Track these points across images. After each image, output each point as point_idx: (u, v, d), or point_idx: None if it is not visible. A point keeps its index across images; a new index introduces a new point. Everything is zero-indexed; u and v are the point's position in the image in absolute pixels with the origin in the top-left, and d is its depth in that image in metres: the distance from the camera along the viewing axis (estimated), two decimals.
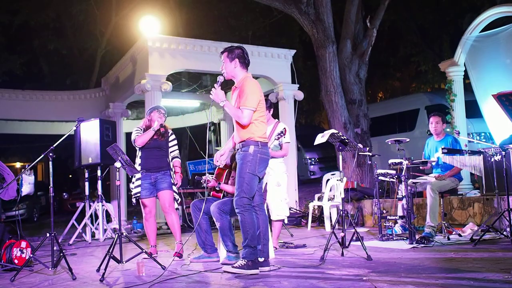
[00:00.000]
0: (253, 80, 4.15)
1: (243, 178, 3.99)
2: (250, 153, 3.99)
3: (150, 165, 5.19)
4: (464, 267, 3.86)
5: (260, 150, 4.03)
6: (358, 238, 4.73)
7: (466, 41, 8.29)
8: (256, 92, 4.05)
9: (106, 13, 15.97)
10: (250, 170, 3.98)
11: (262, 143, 4.07)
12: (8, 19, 15.95)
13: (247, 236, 3.96)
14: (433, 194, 5.45)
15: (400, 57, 17.66)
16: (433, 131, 6.02)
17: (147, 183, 5.18)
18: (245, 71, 4.19)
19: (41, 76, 18.16)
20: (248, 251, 3.95)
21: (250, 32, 15.41)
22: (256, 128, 4.05)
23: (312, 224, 7.76)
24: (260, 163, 4.04)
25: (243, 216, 3.98)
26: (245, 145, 4.03)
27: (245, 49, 4.21)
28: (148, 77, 8.56)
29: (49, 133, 13.01)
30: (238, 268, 3.91)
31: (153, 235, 5.32)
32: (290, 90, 9.73)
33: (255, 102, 4.00)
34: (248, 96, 3.99)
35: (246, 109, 3.98)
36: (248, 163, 3.99)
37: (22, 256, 4.81)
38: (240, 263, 3.94)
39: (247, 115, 3.98)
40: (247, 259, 3.93)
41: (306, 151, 14.52)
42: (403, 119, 12.01)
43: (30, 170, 5.96)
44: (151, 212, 5.26)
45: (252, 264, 3.93)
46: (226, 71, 4.19)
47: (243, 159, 4.01)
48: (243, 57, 4.15)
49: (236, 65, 4.14)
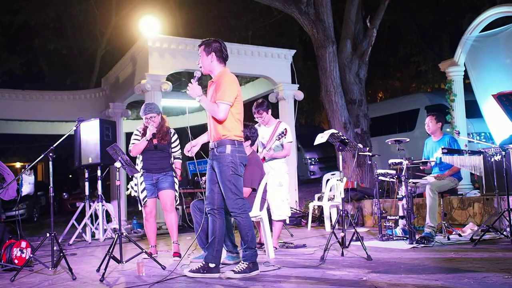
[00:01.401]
0: (231, 74, 3.98)
1: (229, 181, 3.85)
2: (228, 153, 3.86)
3: (151, 166, 5.16)
4: (464, 267, 3.86)
5: (237, 149, 3.90)
6: (358, 238, 4.73)
7: (466, 41, 8.29)
8: (233, 86, 3.88)
9: (106, 13, 15.97)
10: (233, 171, 3.86)
11: (238, 142, 3.93)
12: (8, 19, 15.95)
13: (248, 238, 3.91)
14: (432, 194, 5.45)
15: (400, 57, 17.66)
16: (427, 130, 6.07)
17: (149, 184, 5.17)
18: (222, 66, 4.02)
19: (41, 76, 18.17)
20: (250, 253, 3.92)
21: (250, 32, 15.41)
22: (233, 125, 3.90)
23: (312, 224, 7.75)
24: (241, 162, 3.92)
25: (241, 219, 3.91)
26: (221, 144, 3.88)
27: (223, 43, 4.04)
28: (148, 77, 8.56)
29: (49, 133, 13.01)
30: (240, 273, 3.86)
31: (153, 235, 5.31)
32: (290, 90, 9.73)
33: (232, 97, 3.84)
34: (225, 90, 3.83)
35: (222, 103, 3.81)
36: (229, 164, 3.85)
37: (22, 256, 4.81)
38: (242, 266, 3.90)
39: (223, 109, 3.81)
40: (249, 261, 3.91)
41: (306, 151, 14.53)
42: (403, 119, 12.01)
43: (30, 170, 5.97)
44: (152, 212, 5.25)
45: (253, 266, 3.92)
46: (203, 65, 4.03)
47: (222, 161, 3.86)
48: (221, 50, 3.98)
49: (212, 59, 3.97)
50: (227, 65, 4.10)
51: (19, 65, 16.42)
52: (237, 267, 3.93)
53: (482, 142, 7.97)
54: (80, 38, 17.01)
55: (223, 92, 3.84)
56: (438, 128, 6.00)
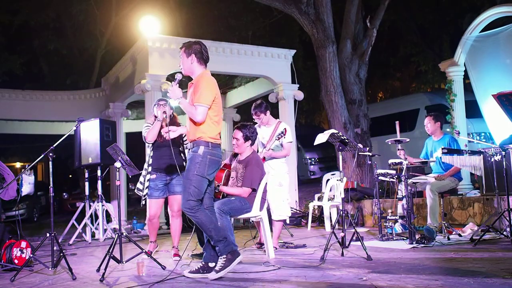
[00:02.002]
0: (210, 76, 3.99)
1: (190, 180, 3.83)
2: (199, 154, 3.84)
3: (163, 165, 5.03)
4: (464, 267, 3.86)
5: (210, 152, 3.88)
6: (358, 238, 4.74)
7: (466, 41, 8.29)
8: (211, 88, 3.88)
9: (106, 13, 15.97)
10: (198, 172, 3.83)
11: (213, 144, 3.90)
12: (8, 19, 15.95)
13: (211, 233, 3.85)
14: (432, 195, 5.45)
15: (400, 57, 17.67)
16: (427, 131, 6.10)
17: (162, 184, 5.06)
18: (203, 67, 4.03)
19: (41, 76, 18.16)
20: (222, 246, 3.87)
21: (250, 32, 15.41)
22: (208, 128, 3.89)
23: (312, 224, 7.76)
24: (210, 165, 3.88)
25: (196, 217, 3.85)
26: (195, 145, 3.89)
27: (204, 45, 4.05)
28: (148, 77, 8.56)
29: (49, 133, 13.02)
30: (221, 269, 3.82)
31: (155, 232, 5.27)
32: (290, 90, 9.73)
33: (209, 99, 3.84)
34: (203, 93, 3.83)
35: (200, 106, 3.81)
36: (196, 164, 3.83)
37: (22, 256, 4.81)
38: (221, 262, 3.84)
39: (200, 112, 3.81)
40: (225, 253, 3.86)
41: (306, 151, 14.53)
42: (403, 119, 12.00)
43: (30, 170, 5.96)
44: (157, 214, 5.15)
45: (232, 256, 3.86)
46: (183, 67, 4.04)
47: (192, 160, 3.87)
48: (201, 52, 3.99)
49: (192, 60, 3.99)
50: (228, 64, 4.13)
51: (19, 65, 16.41)
52: (217, 265, 3.86)
53: (482, 142, 7.97)
54: (80, 38, 17.01)
55: (200, 95, 3.84)
56: (437, 127, 6.01)
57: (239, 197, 4.72)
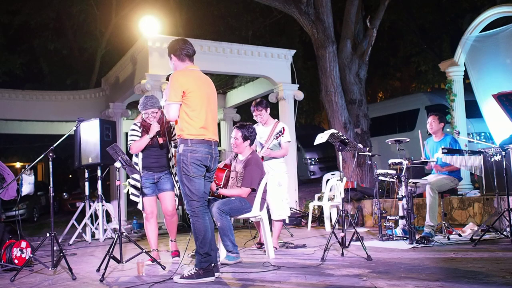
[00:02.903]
0: (179, 72, 3.89)
1: (182, 182, 3.82)
2: (180, 153, 3.82)
3: (152, 165, 4.96)
4: (464, 267, 3.85)
5: (190, 149, 3.79)
6: (358, 238, 4.73)
7: (466, 41, 8.29)
8: (175, 85, 3.78)
9: (106, 13, 15.98)
10: (184, 171, 3.79)
11: (193, 141, 3.80)
12: (8, 19, 15.95)
13: (196, 241, 3.80)
14: (432, 193, 5.45)
15: (400, 57, 17.69)
16: (429, 129, 6.06)
17: (150, 182, 4.96)
18: (185, 63, 3.99)
19: (41, 76, 18.16)
20: (198, 259, 3.78)
21: (250, 32, 15.41)
22: (186, 125, 3.81)
23: (312, 224, 7.75)
24: (192, 163, 3.79)
25: (193, 221, 3.83)
26: (178, 144, 3.87)
27: (183, 40, 4.02)
28: (148, 77, 8.56)
29: (49, 133, 13.03)
30: (186, 278, 3.72)
31: (155, 238, 5.05)
32: (290, 90, 9.74)
33: (174, 95, 3.75)
34: (167, 91, 3.83)
35: (167, 104, 3.79)
36: (181, 163, 3.80)
37: (22, 256, 4.81)
38: (190, 272, 3.76)
39: (168, 110, 3.78)
40: (197, 267, 3.76)
41: (306, 151, 14.53)
42: (403, 119, 12.02)
43: (30, 170, 5.96)
44: (153, 212, 5.02)
45: (203, 272, 3.74)
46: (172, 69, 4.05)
47: (178, 161, 3.84)
48: (179, 49, 3.95)
49: (173, 60, 4.00)
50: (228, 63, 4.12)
51: (19, 65, 16.42)
52: (186, 272, 3.79)
53: (482, 142, 7.97)
54: (80, 38, 17.02)
55: (166, 93, 3.84)
56: (440, 128, 5.99)
57: (239, 197, 4.72)
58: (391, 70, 19.38)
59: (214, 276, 3.80)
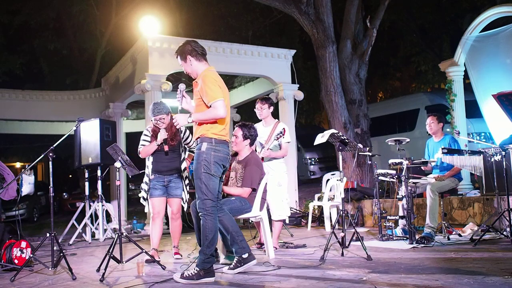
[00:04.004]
0: (210, 72, 3.92)
1: (200, 179, 3.81)
2: (203, 151, 3.82)
3: (162, 168, 5.04)
4: (464, 267, 3.85)
5: (213, 148, 3.83)
6: (358, 238, 4.74)
7: (466, 41, 8.29)
8: (213, 82, 3.82)
9: (106, 13, 15.98)
10: (205, 169, 3.80)
11: (217, 140, 3.85)
12: (8, 19, 15.95)
13: (205, 241, 3.81)
14: (433, 195, 5.45)
15: (400, 57, 17.68)
16: (428, 130, 6.07)
17: (160, 184, 5.05)
18: (203, 63, 4.00)
19: (41, 76, 18.16)
20: (201, 259, 3.78)
21: (250, 32, 15.41)
22: (211, 124, 3.85)
23: (312, 224, 7.75)
24: (215, 161, 3.83)
25: (205, 220, 3.82)
26: (199, 142, 3.87)
27: (193, 41, 4.03)
28: (148, 77, 8.56)
29: (49, 133, 13.02)
30: (186, 278, 3.72)
31: (157, 238, 5.10)
32: (290, 90, 9.74)
33: (217, 91, 3.78)
34: (208, 90, 3.77)
35: (214, 102, 3.75)
36: (202, 162, 3.81)
37: (22, 256, 4.81)
38: (191, 271, 3.76)
39: (218, 106, 3.74)
40: (199, 267, 3.77)
41: (306, 151, 14.52)
42: (403, 119, 12.01)
43: (30, 170, 5.96)
44: (160, 213, 5.08)
45: (204, 273, 3.75)
46: (188, 72, 4.04)
47: (197, 158, 3.85)
48: (194, 50, 3.96)
49: (191, 61, 3.96)
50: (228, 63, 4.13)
51: (19, 65, 16.42)
52: (187, 271, 3.80)
53: (482, 142, 7.97)
54: (80, 38, 17.02)
55: (208, 93, 3.78)
56: (440, 128, 5.99)
57: (239, 197, 4.72)
58: (391, 70, 19.37)
59: (214, 277, 3.80)
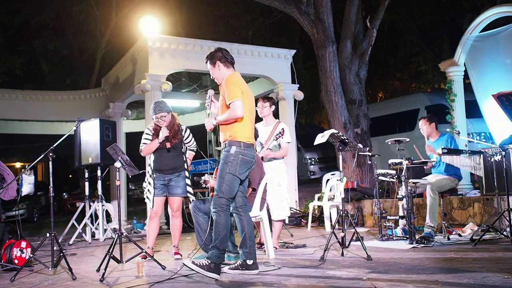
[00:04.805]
0: (233, 75, 4.07)
1: (223, 178, 3.93)
2: (231, 153, 3.94)
3: (163, 167, 5.08)
4: (464, 267, 3.86)
5: (242, 151, 3.96)
6: (358, 238, 4.74)
7: (466, 41, 8.29)
8: (234, 84, 3.95)
9: (106, 13, 15.98)
10: (231, 170, 3.92)
11: (245, 144, 3.99)
12: (8, 19, 15.96)
13: (218, 237, 3.89)
14: (433, 194, 5.45)
15: (400, 57, 17.68)
16: (423, 133, 6.10)
17: (160, 183, 5.08)
18: (230, 70, 4.15)
19: (41, 76, 18.16)
20: (215, 253, 3.86)
21: (250, 32, 15.42)
22: (240, 128, 3.98)
23: (312, 224, 7.75)
24: (242, 164, 3.96)
25: (218, 216, 3.91)
26: (228, 144, 3.99)
27: (224, 50, 4.21)
28: (148, 77, 8.56)
29: (49, 133, 13.02)
30: (198, 266, 3.81)
31: (153, 236, 5.18)
32: (290, 90, 9.74)
33: (236, 92, 3.91)
34: (227, 91, 3.92)
35: (233, 102, 3.88)
36: (229, 163, 3.93)
37: (22, 256, 4.81)
38: (202, 262, 3.85)
39: (237, 106, 3.87)
40: (211, 260, 3.84)
41: (306, 151, 14.52)
42: (403, 119, 12.01)
43: (30, 170, 5.96)
44: (158, 212, 5.13)
45: (214, 267, 3.82)
46: (215, 77, 4.18)
47: (225, 159, 3.96)
48: (224, 57, 4.14)
49: (220, 67, 4.13)
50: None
51: (19, 65, 16.42)
52: (197, 260, 3.90)
53: (482, 142, 7.97)
54: (80, 38, 17.01)
55: (227, 93, 3.93)
56: (433, 128, 6.00)
57: None
58: (391, 70, 19.38)
59: (220, 275, 3.85)
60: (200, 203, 4.85)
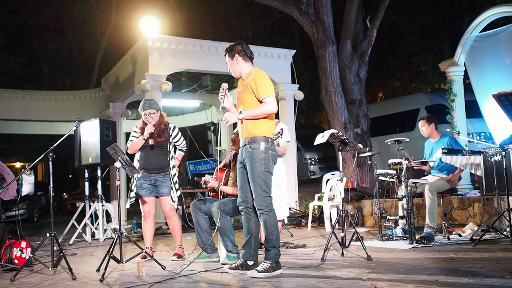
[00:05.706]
0: (262, 71, 4.08)
1: (261, 177, 3.87)
2: (262, 150, 3.88)
3: (149, 166, 5.04)
4: (464, 267, 3.86)
5: (270, 147, 3.94)
6: (358, 238, 4.74)
7: (466, 41, 8.29)
8: (267, 79, 3.97)
9: (106, 13, 15.98)
10: (266, 168, 3.89)
11: (271, 139, 3.98)
12: (8, 19, 15.96)
13: (272, 237, 3.89)
14: (431, 195, 5.44)
15: (400, 57, 17.67)
16: (423, 134, 6.08)
17: (147, 183, 5.05)
18: (249, 64, 4.14)
19: (41, 76, 18.17)
20: (273, 253, 3.89)
21: (250, 32, 15.42)
22: (266, 124, 3.95)
23: (312, 224, 7.76)
24: (272, 160, 3.96)
25: (267, 217, 3.89)
26: (254, 141, 3.91)
27: (245, 44, 4.16)
28: (148, 77, 8.56)
29: (49, 133, 13.02)
30: (263, 272, 3.82)
31: (150, 236, 5.14)
32: (290, 90, 9.74)
33: (271, 88, 3.91)
34: (262, 85, 3.90)
35: (267, 97, 3.86)
36: (262, 161, 3.88)
37: (22, 256, 4.81)
38: (265, 265, 3.85)
39: (270, 101, 3.86)
40: (271, 260, 3.87)
41: (306, 151, 14.51)
42: (403, 119, 12.01)
43: (30, 170, 5.96)
44: (151, 212, 5.11)
45: (276, 265, 3.88)
46: (233, 70, 4.15)
47: (255, 157, 3.88)
48: (243, 51, 4.10)
49: (238, 61, 4.09)
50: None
51: (19, 65, 16.42)
52: (260, 266, 3.88)
53: (482, 142, 7.97)
54: (80, 38, 17.02)
55: (261, 88, 3.89)
56: (433, 129, 5.99)
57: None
58: (391, 70, 19.38)
59: (281, 268, 3.91)
60: (200, 203, 4.85)
